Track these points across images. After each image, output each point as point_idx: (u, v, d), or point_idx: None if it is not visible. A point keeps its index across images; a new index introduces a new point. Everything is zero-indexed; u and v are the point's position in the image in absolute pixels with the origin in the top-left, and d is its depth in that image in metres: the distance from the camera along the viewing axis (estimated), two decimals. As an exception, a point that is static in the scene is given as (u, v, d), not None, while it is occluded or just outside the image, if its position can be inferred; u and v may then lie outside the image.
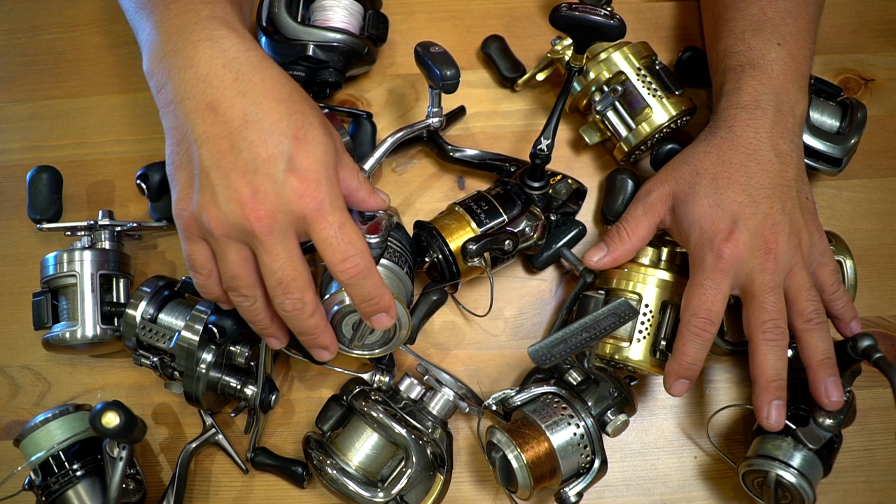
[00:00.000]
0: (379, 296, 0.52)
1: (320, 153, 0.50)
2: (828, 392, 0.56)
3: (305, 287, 0.51)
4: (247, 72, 0.50)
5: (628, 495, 0.66)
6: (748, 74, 0.60)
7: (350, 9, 0.68)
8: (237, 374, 0.62)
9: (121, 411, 0.54)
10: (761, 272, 0.56)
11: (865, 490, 0.65)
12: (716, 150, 0.59)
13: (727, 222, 0.57)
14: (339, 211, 0.50)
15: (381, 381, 0.62)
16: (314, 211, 0.49)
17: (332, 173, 0.50)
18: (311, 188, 0.48)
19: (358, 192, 0.54)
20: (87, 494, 0.58)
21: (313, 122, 0.50)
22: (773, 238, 0.57)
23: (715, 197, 0.57)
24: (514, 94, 0.73)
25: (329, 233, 0.49)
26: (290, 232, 0.49)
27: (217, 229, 0.49)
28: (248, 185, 0.48)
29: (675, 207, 0.60)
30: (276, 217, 0.48)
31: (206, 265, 0.53)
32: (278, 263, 0.49)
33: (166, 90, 0.51)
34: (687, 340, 0.57)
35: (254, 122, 0.49)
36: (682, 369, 0.57)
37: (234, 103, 0.49)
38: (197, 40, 0.50)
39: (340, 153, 0.53)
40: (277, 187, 0.48)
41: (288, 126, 0.49)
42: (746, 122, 0.59)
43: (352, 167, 0.54)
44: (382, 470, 0.60)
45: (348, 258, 0.50)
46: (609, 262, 0.61)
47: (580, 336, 0.55)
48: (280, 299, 0.51)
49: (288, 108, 0.50)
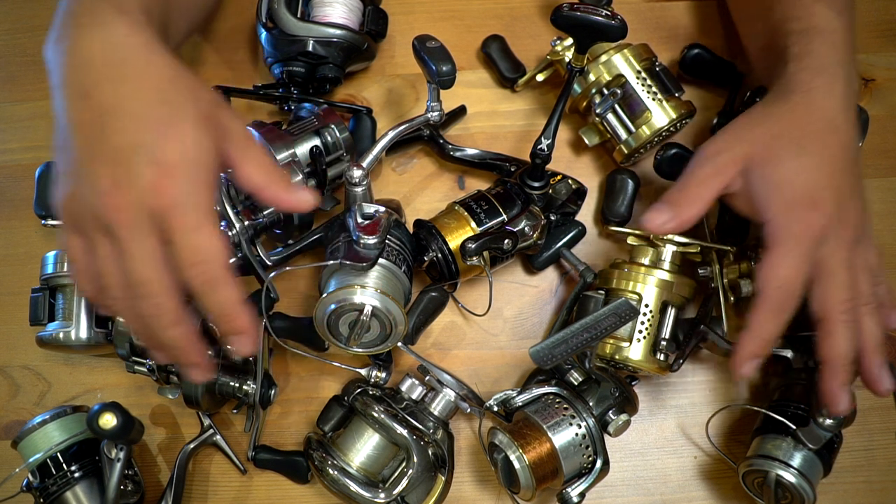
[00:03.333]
0: (233, 314, 0.48)
1: (188, 147, 0.46)
2: (881, 378, 0.54)
3: (164, 292, 0.46)
4: (125, 58, 0.48)
5: (628, 495, 0.66)
6: (818, 40, 0.57)
7: (349, 5, 0.68)
8: (233, 372, 0.62)
9: (118, 412, 0.53)
10: (840, 247, 0.53)
11: (865, 490, 0.65)
12: (792, 114, 0.55)
13: (812, 190, 0.53)
14: (197, 211, 0.46)
15: (378, 377, 0.61)
16: (169, 208, 0.45)
17: (199, 170, 0.47)
18: (168, 183, 0.45)
19: (266, 189, 0.50)
20: (86, 496, 0.58)
21: (187, 115, 0.47)
22: (851, 212, 0.54)
23: (798, 162, 0.54)
24: (514, 94, 0.73)
25: (181, 234, 0.46)
26: (149, 229, 0.46)
27: (83, 220, 0.47)
28: (110, 176, 0.46)
29: (749, 170, 0.55)
30: (132, 211, 0.45)
31: (79, 259, 0.49)
32: (135, 262, 0.46)
33: (53, 75, 0.49)
34: (768, 316, 0.52)
35: (122, 110, 0.46)
36: (759, 347, 0.53)
37: (106, 90, 0.47)
38: (82, 24, 0.48)
39: (239, 145, 0.49)
40: (135, 180, 0.45)
41: (156, 117, 0.47)
42: (823, 88, 0.55)
43: (258, 161, 0.50)
44: (384, 471, 0.60)
45: (197, 264, 0.46)
46: (675, 226, 0.55)
47: (581, 336, 0.55)
48: (135, 302, 0.47)
49: (161, 98, 0.47)
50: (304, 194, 0.51)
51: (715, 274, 0.64)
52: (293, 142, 0.63)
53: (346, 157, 0.66)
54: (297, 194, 0.51)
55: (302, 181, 0.61)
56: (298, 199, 0.51)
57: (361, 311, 0.54)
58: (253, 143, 0.51)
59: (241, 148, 0.50)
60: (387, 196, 0.70)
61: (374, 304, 0.54)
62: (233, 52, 0.74)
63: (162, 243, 0.46)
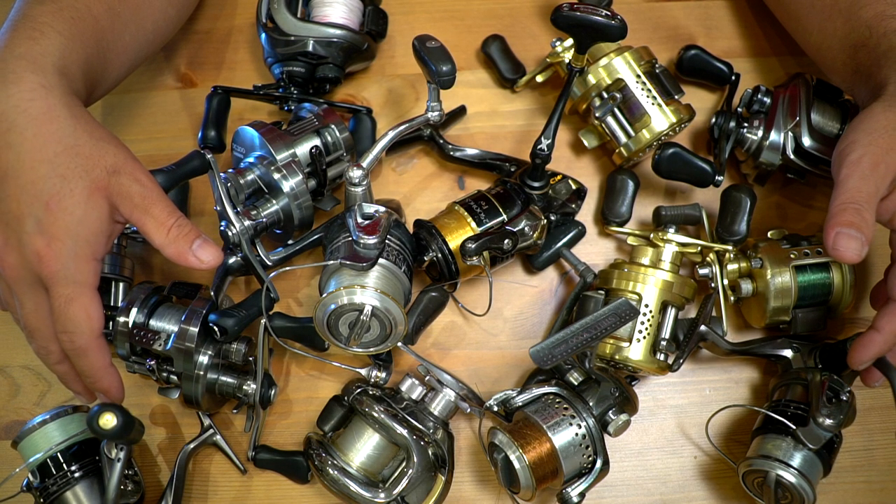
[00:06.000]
0: (97, 378, 0.54)
1: (71, 223, 0.50)
2: None
3: (49, 338, 0.53)
4: (21, 124, 0.50)
5: (628, 495, 0.65)
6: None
7: (349, 5, 0.68)
8: (233, 372, 0.62)
9: (118, 412, 0.53)
10: None
11: (865, 490, 0.65)
12: None
13: None
14: (72, 285, 0.50)
15: (378, 377, 0.61)
16: (48, 278, 0.50)
17: (81, 244, 0.50)
18: (50, 255, 0.49)
19: (166, 248, 0.52)
20: (86, 496, 0.58)
21: (74, 190, 0.50)
22: None
23: None
24: (514, 94, 0.73)
25: (57, 303, 0.50)
26: (36, 287, 0.51)
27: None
28: (3, 235, 0.51)
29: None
30: (21, 270, 0.51)
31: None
32: (24, 311, 0.52)
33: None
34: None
35: (13, 177, 0.50)
36: (888, 347, 0.55)
37: (3, 155, 0.50)
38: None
39: (140, 208, 0.51)
40: (22, 246, 0.50)
41: (43, 189, 0.49)
42: None
43: (160, 221, 0.52)
44: (384, 470, 0.60)
45: (66, 332, 0.51)
46: (866, 251, 0.52)
47: (581, 336, 0.55)
48: (30, 341, 0.54)
49: (50, 171, 0.49)
50: (204, 254, 0.53)
51: (715, 274, 0.64)
52: (293, 142, 0.63)
53: (346, 157, 0.66)
54: (197, 254, 0.53)
55: (302, 180, 0.61)
56: (198, 260, 0.53)
57: (361, 311, 0.54)
58: (154, 202, 0.52)
59: (141, 211, 0.52)
60: (387, 196, 0.70)
61: (374, 304, 0.54)
62: (233, 52, 0.74)
63: (47, 298, 0.51)
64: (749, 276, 0.64)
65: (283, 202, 0.61)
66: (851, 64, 0.61)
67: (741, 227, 0.64)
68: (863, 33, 0.60)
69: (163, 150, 0.71)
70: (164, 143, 0.72)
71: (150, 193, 0.52)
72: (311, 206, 0.63)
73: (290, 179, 0.61)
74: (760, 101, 0.67)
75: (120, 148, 0.53)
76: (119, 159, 0.52)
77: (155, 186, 0.53)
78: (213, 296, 0.61)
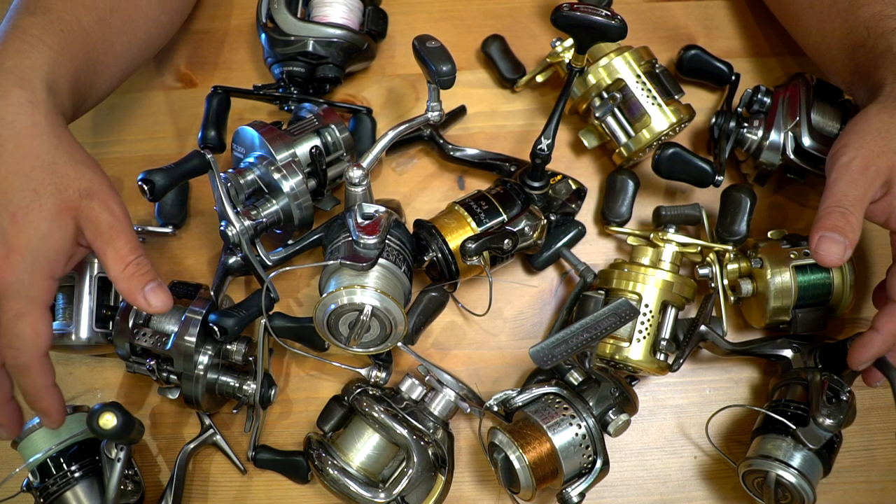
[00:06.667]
0: (37, 398, 0.53)
1: (34, 238, 0.49)
2: None
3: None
4: (2, 136, 0.50)
5: (628, 495, 0.65)
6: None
7: (349, 5, 0.68)
8: (233, 372, 0.62)
9: (118, 412, 0.53)
10: None
11: (865, 490, 0.65)
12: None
13: None
14: (24, 300, 0.49)
15: (378, 377, 0.61)
16: (1, 289, 0.49)
17: (39, 261, 0.50)
18: (7, 267, 0.49)
19: (120, 283, 0.52)
20: (86, 496, 0.58)
21: (44, 206, 0.50)
22: None
23: None
24: (514, 94, 0.73)
25: (6, 317, 0.50)
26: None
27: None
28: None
29: (893, 181, 0.53)
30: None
31: None
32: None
33: None
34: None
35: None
36: (887, 347, 0.55)
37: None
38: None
39: (104, 238, 0.51)
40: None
41: (12, 200, 0.49)
42: None
43: (121, 255, 0.52)
44: (384, 470, 0.60)
45: (10, 347, 0.50)
46: (849, 254, 0.52)
47: (581, 336, 0.55)
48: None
49: (23, 184, 0.50)
50: (154, 299, 0.52)
51: (715, 274, 0.64)
52: (293, 142, 0.63)
53: (346, 157, 0.66)
54: (148, 296, 0.52)
55: (303, 180, 0.61)
56: (147, 303, 0.52)
57: (361, 311, 0.54)
58: (119, 234, 0.52)
59: (104, 241, 0.51)
60: (387, 196, 0.70)
61: (374, 304, 0.54)
62: (233, 52, 0.74)
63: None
64: (749, 276, 0.64)
65: (283, 202, 0.61)
66: (850, 64, 0.61)
67: (741, 227, 0.64)
68: (861, 33, 0.60)
69: (163, 150, 0.71)
70: (164, 143, 0.72)
71: (117, 224, 0.52)
72: (311, 206, 0.63)
73: (290, 179, 0.61)
74: (760, 101, 0.67)
75: (97, 173, 0.53)
76: (94, 184, 0.52)
77: (124, 218, 0.52)
78: (213, 296, 0.61)
